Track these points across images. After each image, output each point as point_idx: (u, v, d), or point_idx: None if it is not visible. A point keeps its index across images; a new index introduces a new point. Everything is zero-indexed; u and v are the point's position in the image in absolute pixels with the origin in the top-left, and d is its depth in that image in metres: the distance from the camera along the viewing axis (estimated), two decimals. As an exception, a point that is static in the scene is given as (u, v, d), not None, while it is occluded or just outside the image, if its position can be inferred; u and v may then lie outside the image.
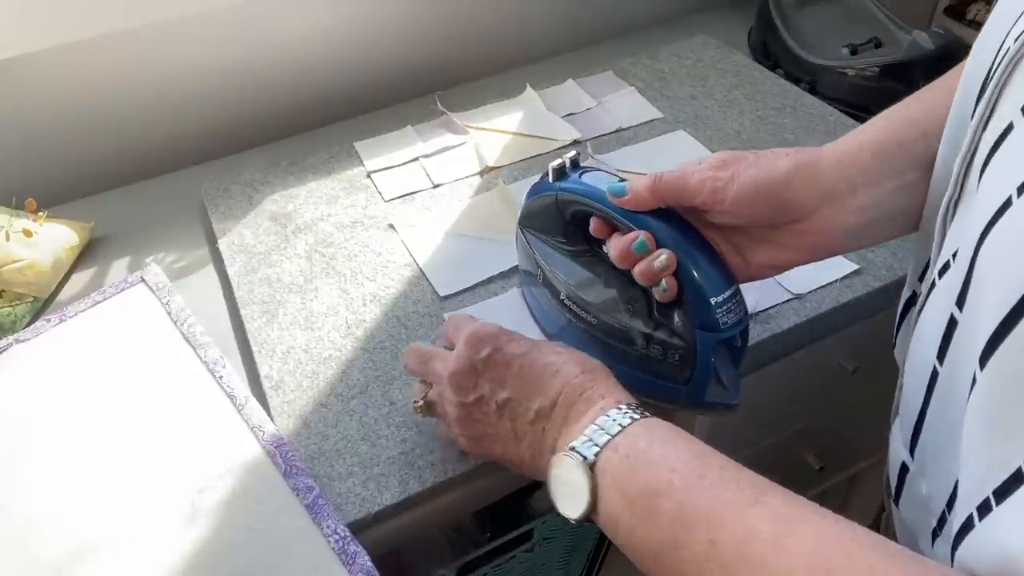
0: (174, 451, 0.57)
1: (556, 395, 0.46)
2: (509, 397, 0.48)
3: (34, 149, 0.84)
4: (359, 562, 0.49)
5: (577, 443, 0.42)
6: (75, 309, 0.69)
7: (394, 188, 0.81)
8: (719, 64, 0.95)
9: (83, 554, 0.51)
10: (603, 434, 0.42)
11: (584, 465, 0.41)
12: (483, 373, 0.49)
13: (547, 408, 0.46)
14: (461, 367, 0.49)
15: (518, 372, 0.48)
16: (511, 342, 0.49)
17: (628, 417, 0.42)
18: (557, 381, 0.46)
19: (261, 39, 0.88)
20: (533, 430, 0.46)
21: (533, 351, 0.49)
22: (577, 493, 0.41)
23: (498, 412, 0.48)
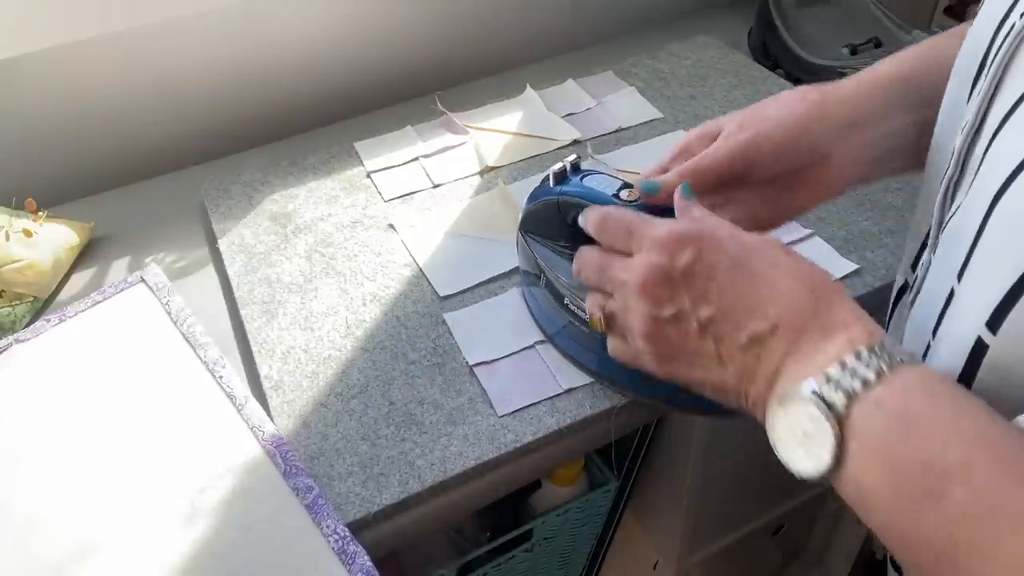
0: (174, 451, 0.57)
1: (776, 317, 0.37)
2: (713, 316, 0.39)
3: (34, 149, 0.84)
4: (359, 562, 0.49)
5: (818, 385, 0.34)
6: (75, 309, 0.69)
7: (394, 188, 0.81)
8: (719, 64, 0.95)
9: (83, 554, 0.51)
10: (856, 379, 0.33)
11: (829, 415, 0.33)
12: (682, 283, 0.40)
13: (764, 333, 0.38)
14: (654, 276, 0.41)
15: (727, 284, 0.39)
16: (716, 246, 0.41)
17: (887, 358, 0.33)
18: (778, 300, 0.38)
19: (261, 39, 0.88)
20: (744, 357, 0.38)
21: (745, 258, 0.40)
22: (814, 446, 0.34)
23: (700, 332, 0.40)
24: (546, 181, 0.58)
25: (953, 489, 0.29)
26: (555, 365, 0.61)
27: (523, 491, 0.80)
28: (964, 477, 0.29)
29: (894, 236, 0.71)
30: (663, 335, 0.42)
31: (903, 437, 0.31)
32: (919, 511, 0.30)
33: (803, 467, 0.35)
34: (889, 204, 0.74)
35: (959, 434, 0.30)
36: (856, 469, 0.33)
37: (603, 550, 0.91)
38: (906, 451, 0.31)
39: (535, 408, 0.59)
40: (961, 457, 0.30)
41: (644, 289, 0.41)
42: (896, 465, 0.31)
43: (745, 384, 0.39)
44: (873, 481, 0.32)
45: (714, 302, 0.40)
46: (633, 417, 0.61)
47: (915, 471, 0.31)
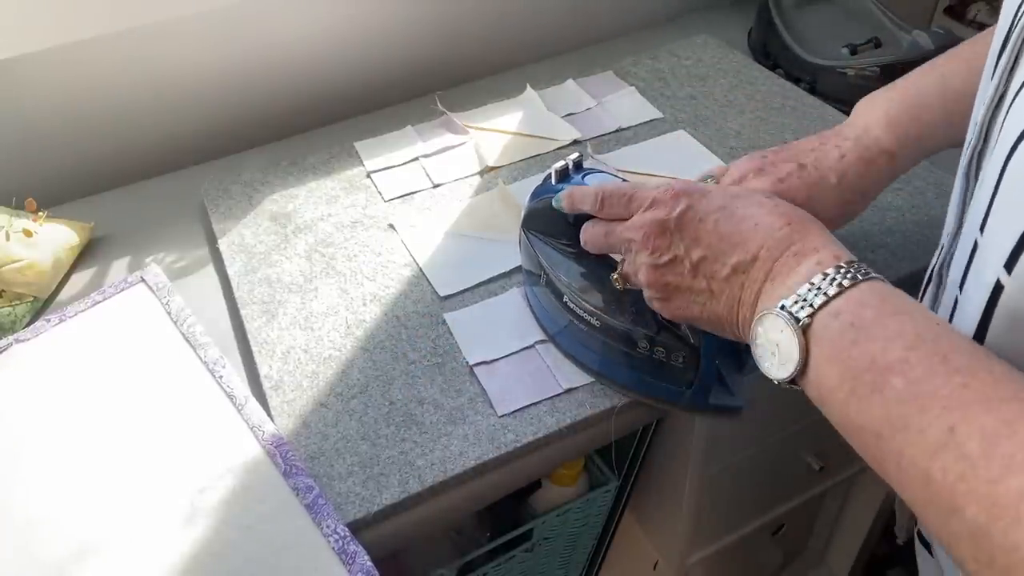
0: (174, 451, 0.57)
1: (757, 249, 0.43)
2: (704, 256, 0.45)
3: (34, 149, 0.84)
4: (359, 562, 0.49)
5: (787, 302, 0.39)
6: (75, 309, 0.69)
7: (394, 188, 0.81)
8: (719, 64, 0.95)
9: (84, 554, 0.51)
10: (819, 295, 0.38)
11: (796, 328, 0.38)
12: (676, 232, 0.46)
13: (746, 262, 0.43)
14: (652, 229, 0.47)
15: (713, 228, 0.45)
16: (704, 197, 0.47)
17: (849, 277, 0.38)
18: (758, 234, 0.43)
19: (261, 39, 0.88)
20: (730, 285, 0.44)
21: (730, 204, 0.46)
22: (784, 357, 0.39)
23: (692, 271, 0.46)
24: (548, 179, 0.58)
25: (893, 380, 0.34)
26: (555, 365, 0.61)
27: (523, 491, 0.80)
28: (902, 370, 0.34)
29: (894, 236, 0.71)
30: (662, 280, 0.47)
31: (854, 341, 0.36)
32: (866, 402, 0.35)
33: (777, 374, 0.40)
34: (889, 204, 0.74)
35: (902, 336, 0.35)
36: (817, 372, 0.38)
37: (603, 550, 0.91)
38: (856, 353, 0.36)
39: (535, 408, 0.59)
40: (901, 354, 0.34)
41: (646, 243, 0.47)
42: (848, 366, 0.36)
43: (734, 312, 0.44)
44: (830, 382, 0.37)
45: (703, 244, 0.45)
46: (633, 417, 0.61)
47: (862, 369, 0.35)
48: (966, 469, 0.30)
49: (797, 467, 0.86)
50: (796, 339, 0.38)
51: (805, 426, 0.82)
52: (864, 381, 0.35)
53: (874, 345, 0.35)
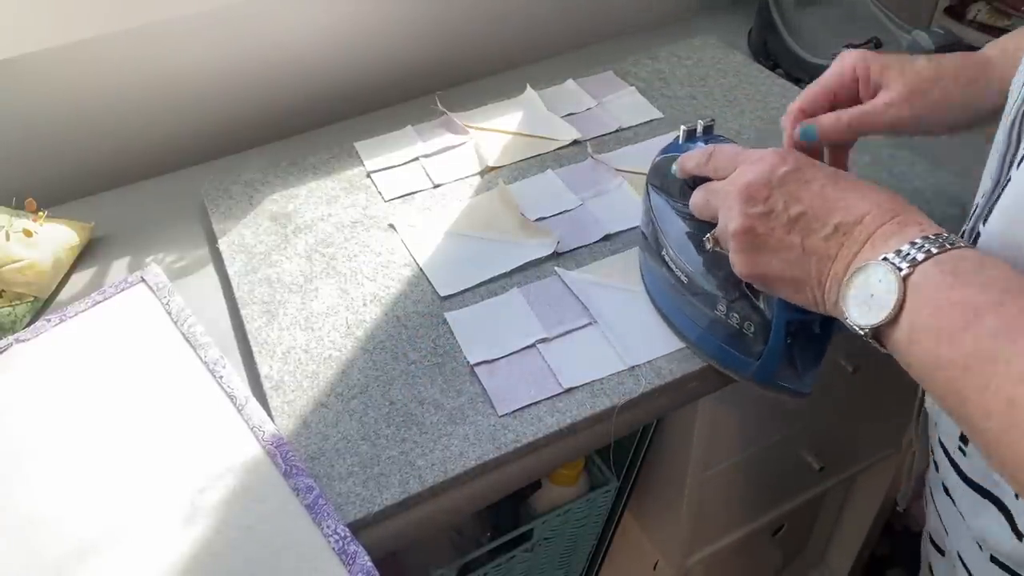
0: (174, 451, 0.57)
1: (862, 213, 0.43)
2: (803, 211, 0.45)
3: (34, 149, 0.84)
4: (359, 562, 0.49)
5: (890, 255, 0.40)
6: (75, 309, 0.69)
7: (394, 188, 0.81)
8: (719, 64, 0.95)
9: (84, 553, 0.51)
10: (921, 251, 0.39)
11: (898, 275, 0.39)
12: (778, 187, 0.46)
13: (848, 223, 0.43)
14: (756, 179, 0.47)
15: (819, 191, 0.45)
16: (813, 165, 0.47)
17: (950, 243, 0.40)
18: (865, 201, 0.44)
19: (261, 39, 0.88)
20: (827, 245, 0.44)
21: (837, 175, 0.47)
22: (879, 303, 0.40)
23: (787, 226, 0.45)
24: (676, 139, 0.60)
25: (986, 318, 0.36)
26: (556, 365, 0.61)
27: (523, 491, 0.80)
28: (995, 310, 0.36)
29: (894, 236, 0.71)
30: (751, 232, 0.46)
31: (951, 285, 0.38)
32: (958, 338, 0.36)
33: (865, 320, 0.40)
34: (889, 204, 0.74)
35: (996, 283, 0.37)
36: (912, 313, 0.39)
37: (603, 550, 0.91)
38: (953, 296, 0.37)
39: (535, 408, 0.59)
40: (997, 296, 0.36)
41: (742, 191, 0.47)
42: (943, 307, 0.37)
43: (825, 270, 0.44)
44: (923, 320, 0.38)
45: (805, 202, 0.45)
46: (633, 417, 0.61)
47: (957, 308, 0.37)
48: None
49: (797, 467, 0.86)
50: (896, 285, 0.39)
51: (805, 426, 0.82)
52: (958, 318, 0.36)
53: (970, 289, 0.37)
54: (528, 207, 0.76)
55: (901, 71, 0.54)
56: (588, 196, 0.77)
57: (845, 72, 0.56)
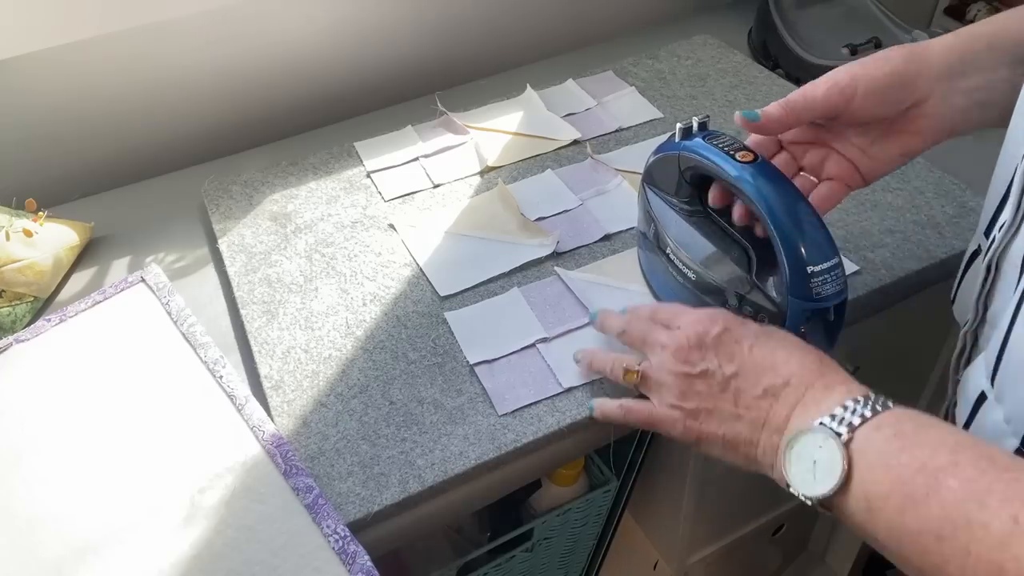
0: (174, 451, 0.57)
1: (788, 375, 0.45)
2: (736, 372, 0.47)
3: (34, 149, 0.84)
4: (359, 562, 0.49)
5: (826, 420, 0.41)
6: (75, 309, 0.69)
7: (394, 188, 0.81)
8: (719, 64, 0.95)
9: (84, 553, 0.51)
10: (856, 415, 0.40)
11: (839, 441, 0.39)
12: (712, 349, 0.48)
13: (777, 386, 0.45)
14: (690, 341, 0.49)
15: (748, 351, 0.47)
16: (742, 324, 0.50)
17: (881, 403, 0.41)
18: (791, 363, 0.46)
19: (261, 39, 0.88)
20: (759, 405, 0.45)
21: (765, 333, 0.49)
22: (824, 470, 0.40)
23: (722, 386, 0.47)
24: (672, 136, 0.59)
25: (947, 481, 0.35)
26: (556, 364, 0.61)
27: (523, 491, 0.80)
28: (954, 471, 0.35)
29: (894, 236, 0.71)
30: (691, 390, 0.49)
31: (901, 448, 0.38)
32: (923, 505, 0.36)
33: (814, 491, 0.40)
34: (889, 204, 0.74)
35: (944, 443, 0.37)
36: (863, 484, 0.38)
37: (603, 550, 0.91)
38: (905, 459, 0.37)
39: (535, 408, 0.59)
40: (950, 457, 0.36)
41: (680, 351, 0.49)
42: (899, 473, 0.37)
43: (757, 434, 0.45)
44: (880, 489, 0.38)
45: (737, 361, 0.47)
46: (633, 417, 0.61)
47: (914, 474, 0.36)
48: None
49: (797, 467, 0.86)
50: (840, 452, 0.39)
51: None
52: (918, 484, 0.36)
53: (922, 451, 0.37)
54: (528, 207, 0.76)
55: None
56: (588, 196, 0.77)
57: None
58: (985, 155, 0.52)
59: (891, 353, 0.78)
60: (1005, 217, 0.45)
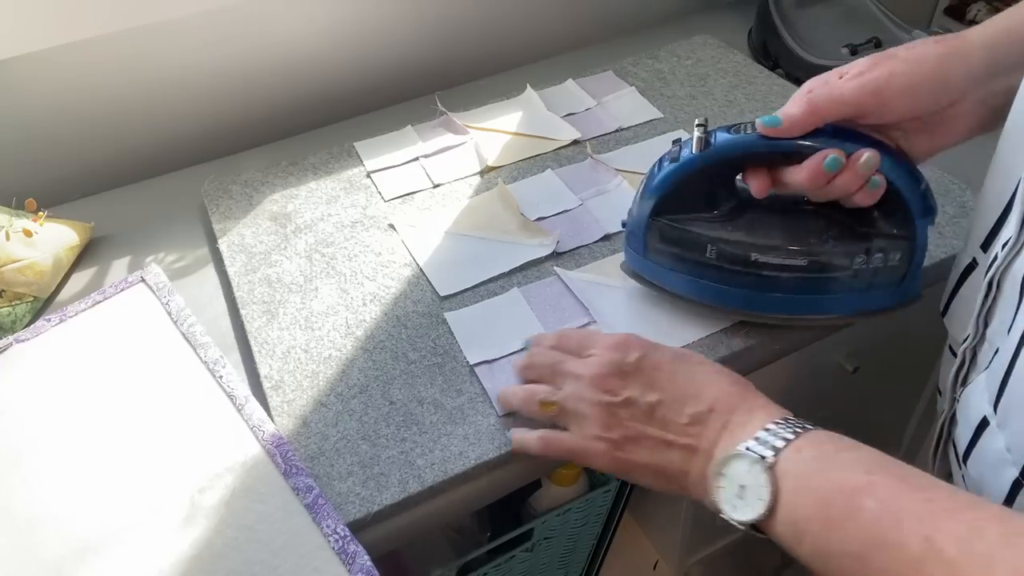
0: (174, 450, 0.57)
1: (712, 401, 0.45)
2: (660, 400, 0.46)
3: (34, 149, 0.84)
4: (359, 562, 0.49)
5: (751, 444, 0.41)
6: (75, 309, 0.69)
7: (394, 188, 0.81)
8: (719, 64, 0.95)
9: (84, 553, 0.51)
10: (779, 438, 0.41)
11: (764, 465, 0.40)
12: (632, 376, 0.48)
13: (703, 413, 0.45)
14: (609, 370, 0.48)
15: (669, 377, 0.47)
16: (657, 349, 0.49)
17: (800, 426, 0.42)
18: (712, 389, 0.46)
19: (261, 39, 0.88)
20: (688, 433, 0.45)
21: (681, 358, 0.49)
22: (752, 495, 0.40)
23: (646, 415, 0.47)
24: (663, 161, 0.57)
25: (864, 501, 0.36)
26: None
27: (523, 491, 0.80)
28: (870, 491, 0.36)
29: (894, 236, 0.71)
30: (615, 419, 0.47)
31: (821, 471, 0.39)
32: (843, 526, 0.37)
33: (744, 516, 0.41)
34: (889, 204, 0.74)
35: (861, 463, 0.38)
36: (790, 507, 0.39)
37: (603, 550, 0.91)
38: (825, 482, 0.38)
39: (535, 408, 0.59)
40: (866, 478, 0.37)
41: (599, 380, 0.48)
42: (820, 494, 0.38)
43: (687, 463, 0.45)
44: (805, 512, 0.39)
45: (659, 389, 0.47)
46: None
47: (834, 495, 0.38)
48: (950, 573, 0.33)
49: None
50: (766, 477, 0.40)
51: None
52: (838, 505, 0.37)
53: (839, 473, 0.38)
54: (528, 207, 0.76)
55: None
56: (588, 196, 0.77)
57: None
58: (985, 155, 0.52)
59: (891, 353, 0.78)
60: (1008, 234, 0.44)
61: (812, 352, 0.67)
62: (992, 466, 0.43)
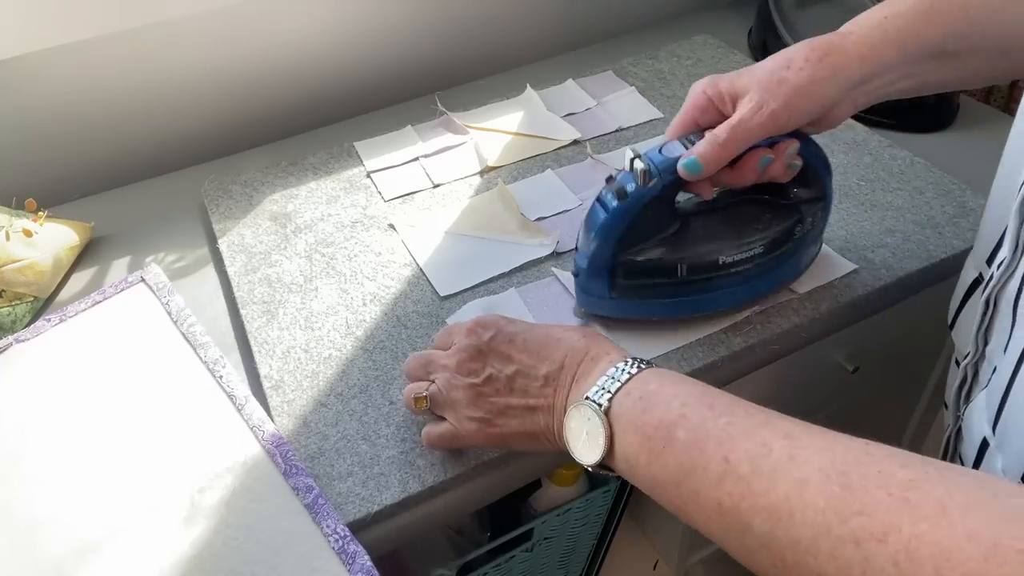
0: (174, 451, 0.57)
1: (562, 358, 0.48)
2: (517, 369, 0.49)
3: (34, 149, 0.84)
4: (359, 562, 0.49)
5: (590, 393, 0.44)
6: (75, 309, 0.69)
7: (394, 188, 0.81)
8: (719, 64, 0.95)
9: (84, 553, 0.51)
10: (614, 382, 0.44)
11: (599, 411, 0.43)
12: (489, 354, 0.51)
13: (555, 372, 0.48)
14: (468, 353, 0.51)
15: (522, 346, 0.50)
16: (511, 323, 0.52)
17: (636, 367, 0.45)
18: (561, 347, 0.49)
19: (261, 39, 0.88)
20: (544, 394, 0.48)
21: (533, 327, 0.52)
22: (593, 439, 0.44)
23: (507, 385, 0.50)
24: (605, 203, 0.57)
25: (677, 432, 0.40)
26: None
27: (523, 491, 0.80)
28: (682, 423, 0.40)
29: (894, 236, 0.71)
30: (482, 398, 0.51)
31: (644, 409, 0.42)
32: (662, 457, 0.40)
33: (589, 458, 0.44)
34: (889, 204, 0.74)
35: (677, 397, 0.41)
36: (621, 446, 0.43)
37: (603, 550, 0.91)
38: (647, 419, 0.42)
39: (535, 408, 0.59)
40: (679, 411, 0.41)
41: (461, 366, 0.51)
42: (643, 432, 0.41)
43: (549, 419, 0.48)
44: (632, 449, 0.42)
45: (515, 360, 0.50)
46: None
47: (654, 429, 0.41)
48: (743, 488, 0.36)
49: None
50: (600, 420, 0.43)
51: (805, 426, 0.81)
52: (657, 439, 0.41)
53: (659, 409, 0.42)
54: (528, 207, 0.76)
55: (751, 73, 0.54)
56: (588, 196, 0.77)
57: (698, 99, 0.56)
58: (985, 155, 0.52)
59: (891, 353, 0.78)
60: (1004, 254, 0.45)
61: (812, 352, 0.67)
62: None
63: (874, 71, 0.53)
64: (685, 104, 0.57)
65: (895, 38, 0.52)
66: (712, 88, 0.55)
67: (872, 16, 0.53)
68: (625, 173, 0.57)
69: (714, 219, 0.60)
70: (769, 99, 0.52)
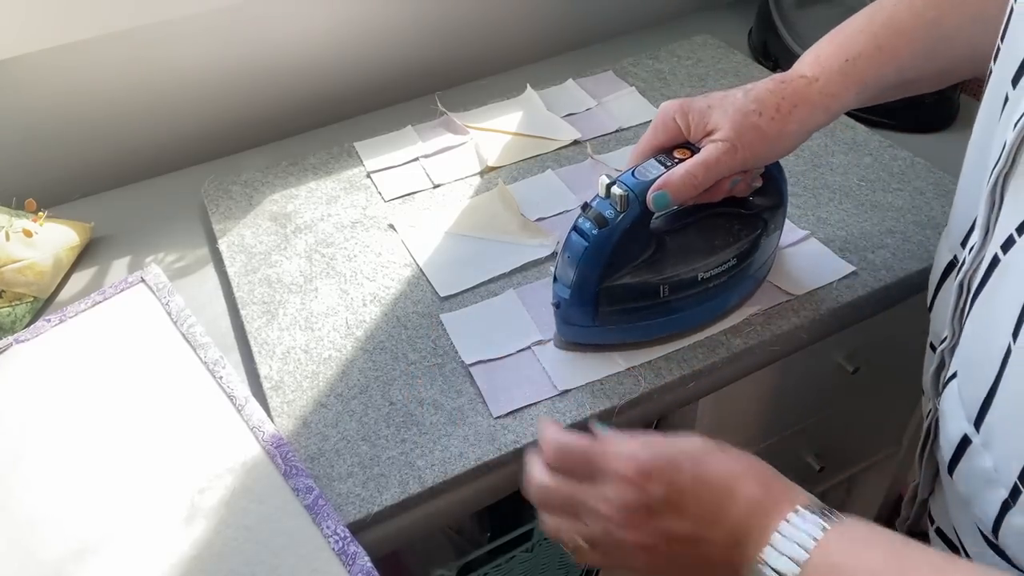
0: (174, 451, 0.57)
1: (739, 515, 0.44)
2: (693, 531, 0.45)
3: (34, 149, 0.84)
4: (359, 563, 0.49)
5: (770, 559, 0.41)
6: (75, 309, 0.69)
7: (394, 188, 0.81)
8: (719, 64, 0.95)
9: (83, 553, 0.51)
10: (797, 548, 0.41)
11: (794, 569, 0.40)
12: (661, 510, 0.45)
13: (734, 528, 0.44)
14: (635, 507, 0.45)
15: (695, 501, 0.45)
16: (676, 468, 0.46)
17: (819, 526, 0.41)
18: (739, 506, 0.44)
19: (261, 39, 0.88)
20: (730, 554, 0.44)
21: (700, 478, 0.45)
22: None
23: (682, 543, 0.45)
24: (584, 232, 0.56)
25: None
26: (551, 368, 0.61)
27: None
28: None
29: (894, 236, 0.71)
30: (656, 551, 0.45)
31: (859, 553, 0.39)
32: None
33: None
34: (889, 204, 0.74)
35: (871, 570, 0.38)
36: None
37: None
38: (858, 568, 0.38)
39: (535, 408, 0.59)
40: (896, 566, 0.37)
41: (628, 519, 0.45)
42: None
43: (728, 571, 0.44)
44: None
45: (689, 516, 0.44)
46: (633, 417, 0.61)
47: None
48: None
49: (797, 468, 0.86)
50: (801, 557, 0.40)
51: (805, 426, 0.82)
52: None
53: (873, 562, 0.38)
54: (528, 207, 0.76)
55: (723, 109, 0.55)
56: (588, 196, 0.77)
57: (668, 124, 0.57)
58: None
59: (891, 354, 0.78)
60: (975, 240, 0.45)
61: (812, 352, 0.67)
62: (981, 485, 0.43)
63: (834, 116, 0.57)
64: (653, 126, 0.58)
65: (855, 80, 0.55)
66: (682, 116, 0.57)
67: (834, 60, 0.56)
68: (601, 200, 0.57)
69: (687, 235, 0.61)
70: (741, 145, 0.55)
